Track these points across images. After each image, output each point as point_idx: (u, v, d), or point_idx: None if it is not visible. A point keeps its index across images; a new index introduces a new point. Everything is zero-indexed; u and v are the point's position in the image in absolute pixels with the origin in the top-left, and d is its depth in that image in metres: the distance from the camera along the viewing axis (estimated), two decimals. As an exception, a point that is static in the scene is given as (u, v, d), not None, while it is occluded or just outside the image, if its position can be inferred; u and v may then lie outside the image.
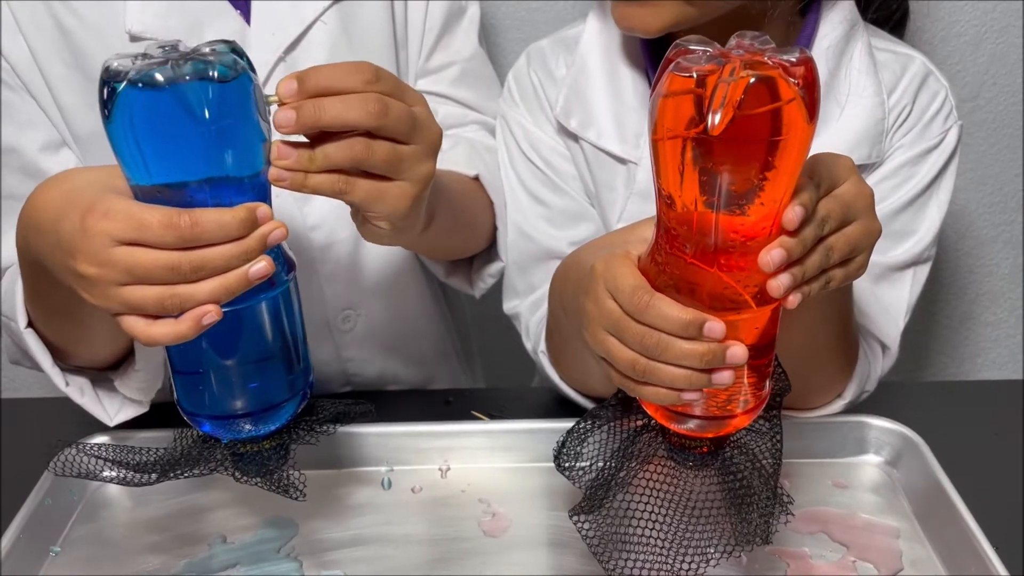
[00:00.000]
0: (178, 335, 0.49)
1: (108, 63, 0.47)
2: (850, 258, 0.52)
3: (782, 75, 0.44)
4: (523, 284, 0.83)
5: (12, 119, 0.73)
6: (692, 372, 0.49)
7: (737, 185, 0.46)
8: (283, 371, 0.57)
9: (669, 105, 0.45)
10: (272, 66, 0.75)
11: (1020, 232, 1.21)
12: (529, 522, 0.68)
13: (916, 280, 0.77)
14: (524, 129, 0.81)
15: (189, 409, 0.57)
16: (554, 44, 0.82)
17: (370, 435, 0.73)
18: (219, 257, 0.49)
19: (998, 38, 1.08)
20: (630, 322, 0.50)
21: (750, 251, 0.48)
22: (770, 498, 0.56)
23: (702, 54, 0.45)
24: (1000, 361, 1.30)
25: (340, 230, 0.81)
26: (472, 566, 0.64)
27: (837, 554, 0.65)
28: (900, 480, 0.72)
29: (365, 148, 0.52)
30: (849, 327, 0.71)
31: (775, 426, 0.58)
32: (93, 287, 0.50)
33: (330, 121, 0.51)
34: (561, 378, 0.77)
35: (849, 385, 0.73)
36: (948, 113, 0.76)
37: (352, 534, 0.67)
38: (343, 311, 0.84)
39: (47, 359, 0.67)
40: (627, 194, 0.78)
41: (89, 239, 0.48)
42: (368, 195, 0.54)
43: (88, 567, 0.65)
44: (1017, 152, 1.15)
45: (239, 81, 0.48)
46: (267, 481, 0.59)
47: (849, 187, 0.51)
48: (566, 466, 0.60)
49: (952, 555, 0.64)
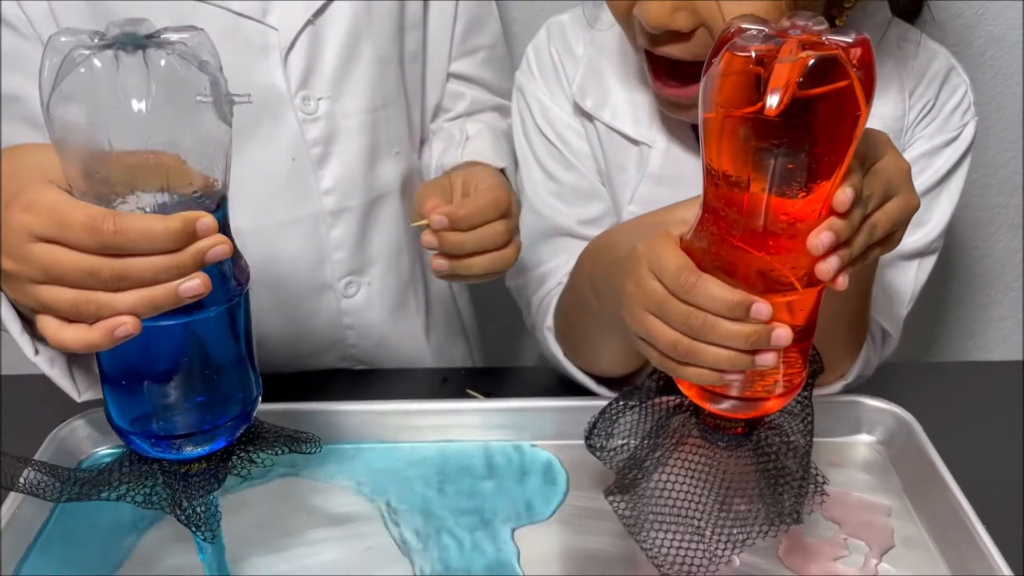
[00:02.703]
0: (88, 343, 0.46)
1: (56, 39, 0.44)
2: (890, 233, 0.52)
3: (841, 56, 0.43)
4: (530, 259, 0.83)
5: (22, 68, 0.72)
6: (736, 353, 0.50)
7: (791, 166, 0.45)
8: (223, 390, 0.52)
9: (726, 84, 0.45)
10: (299, 30, 0.75)
11: (1013, 215, 1.21)
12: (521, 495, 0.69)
13: (922, 269, 0.78)
14: (541, 104, 0.81)
15: (117, 422, 0.52)
16: (574, 20, 0.82)
17: (366, 413, 0.74)
18: (146, 269, 0.44)
19: (995, 19, 1.08)
20: (674, 302, 0.50)
21: (799, 233, 0.47)
22: (804, 477, 0.56)
23: (758, 33, 0.45)
24: (992, 343, 1.32)
25: (352, 197, 0.82)
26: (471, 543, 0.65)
27: (829, 531, 0.66)
28: (892, 459, 0.72)
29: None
30: (866, 308, 0.72)
31: (807, 406, 0.58)
32: (9, 280, 0.47)
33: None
34: (565, 356, 0.77)
35: (853, 367, 0.74)
36: (967, 108, 0.76)
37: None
38: (347, 276, 0.85)
39: (16, 326, 0.63)
40: (639, 176, 0.78)
41: (9, 231, 0.45)
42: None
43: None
44: (1011, 135, 1.15)
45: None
46: (179, 512, 0.53)
47: (888, 162, 0.51)
48: (597, 446, 0.60)
49: (943, 533, 0.65)
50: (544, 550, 0.64)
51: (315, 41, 0.76)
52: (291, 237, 0.81)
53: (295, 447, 0.58)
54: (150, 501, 0.54)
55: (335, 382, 0.86)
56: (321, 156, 0.79)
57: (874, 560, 0.63)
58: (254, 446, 0.56)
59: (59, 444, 0.70)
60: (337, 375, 0.89)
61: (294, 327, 0.85)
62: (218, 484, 0.54)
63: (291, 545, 0.65)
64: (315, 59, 0.77)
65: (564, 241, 0.80)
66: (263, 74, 0.75)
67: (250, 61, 0.75)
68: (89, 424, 0.72)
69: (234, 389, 0.52)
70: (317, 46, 0.77)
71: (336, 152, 0.80)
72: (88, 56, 0.43)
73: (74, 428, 0.71)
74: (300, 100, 0.77)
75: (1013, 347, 1.31)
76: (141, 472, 0.54)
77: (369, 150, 0.82)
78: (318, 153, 0.79)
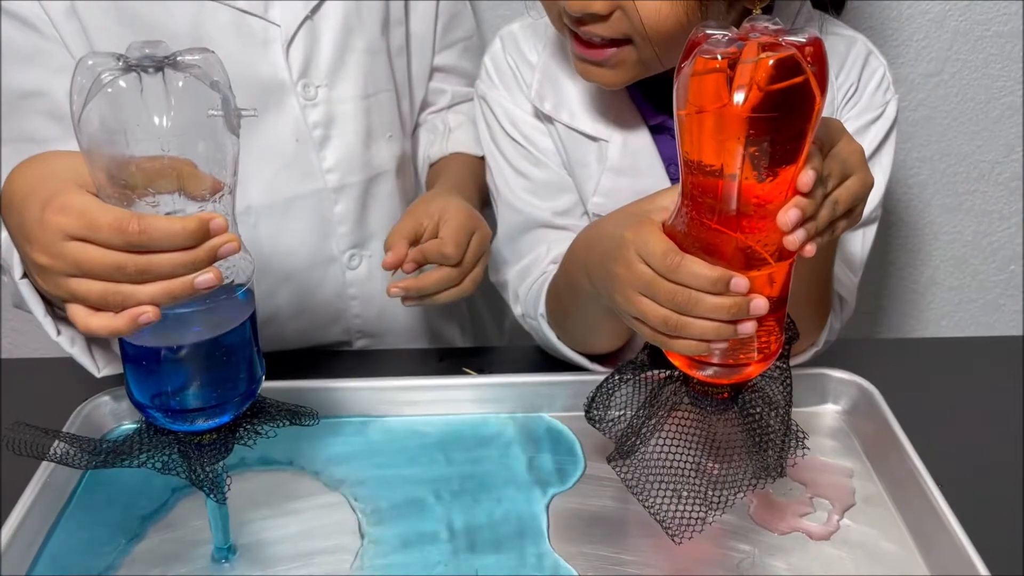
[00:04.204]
0: (114, 329, 0.51)
1: (85, 61, 0.48)
2: (851, 209, 0.58)
3: (797, 55, 0.49)
4: (511, 253, 0.88)
5: (44, 65, 0.76)
6: (720, 324, 0.55)
7: (758, 154, 0.51)
8: (231, 369, 0.57)
9: (696, 84, 0.51)
10: (299, 25, 0.82)
11: (980, 201, 1.26)
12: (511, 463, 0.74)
13: (866, 239, 0.84)
14: (504, 108, 0.87)
15: (137, 398, 0.57)
16: (525, 30, 0.87)
17: (364, 389, 0.78)
18: (165, 264, 0.49)
19: (961, 15, 1.13)
20: (662, 282, 0.56)
21: (768, 214, 0.53)
22: (786, 434, 0.62)
23: (722, 37, 0.50)
24: (963, 324, 1.36)
25: (353, 174, 0.89)
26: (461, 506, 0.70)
27: (797, 491, 0.71)
28: (855, 426, 0.78)
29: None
30: (830, 279, 0.78)
31: (785, 371, 0.64)
32: (44, 273, 0.52)
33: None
34: (559, 338, 0.83)
35: (822, 334, 0.80)
36: (887, 88, 0.82)
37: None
38: (350, 249, 0.91)
39: (40, 308, 0.69)
40: (600, 169, 0.83)
41: (44, 230, 0.50)
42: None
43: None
44: (978, 125, 1.20)
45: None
46: (193, 476, 0.58)
47: (843, 145, 0.57)
48: (596, 418, 0.66)
49: (899, 492, 0.70)
50: (570, 512, 0.69)
51: (312, 35, 0.83)
52: (299, 213, 0.87)
53: (296, 420, 0.63)
54: (168, 468, 0.59)
55: (337, 361, 0.92)
56: (322, 138, 0.86)
57: (836, 516, 0.69)
58: (259, 419, 0.61)
59: (84, 419, 0.74)
60: (341, 354, 0.94)
61: (303, 298, 0.91)
62: (227, 452, 0.60)
63: (301, 509, 0.70)
64: (313, 51, 0.84)
65: (542, 232, 0.86)
66: (267, 65, 0.82)
67: (255, 53, 0.81)
68: (111, 400, 0.77)
69: (241, 369, 0.57)
70: (314, 39, 0.84)
71: (335, 135, 0.87)
72: (114, 78, 0.48)
73: (97, 404, 0.76)
74: (301, 87, 0.84)
75: (983, 328, 1.36)
76: (159, 442, 0.59)
77: (365, 133, 0.89)
78: (319, 135, 0.86)
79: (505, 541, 0.66)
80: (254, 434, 0.61)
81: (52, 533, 0.67)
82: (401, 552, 0.66)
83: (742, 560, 0.65)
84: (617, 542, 0.66)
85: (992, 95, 1.18)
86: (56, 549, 0.66)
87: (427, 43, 0.95)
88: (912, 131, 1.21)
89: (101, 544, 0.66)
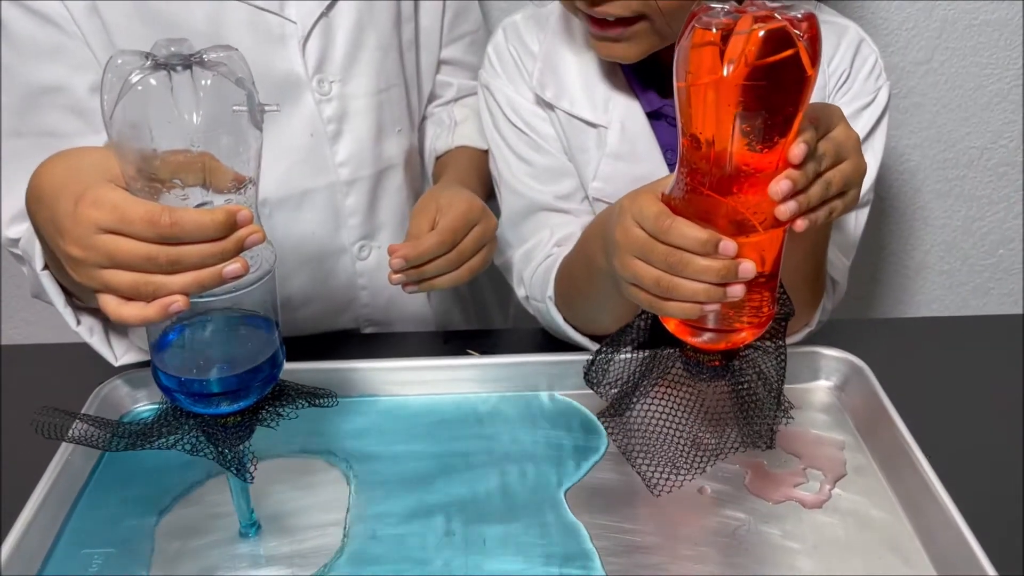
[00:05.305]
0: (145, 318, 0.52)
1: (114, 60, 0.50)
2: (844, 191, 0.60)
3: (789, 28, 0.51)
4: (514, 236, 0.91)
5: (65, 61, 0.77)
6: (710, 286, 0.58)
7: (750, 124, 0.53)
8: (254, 355, 0.59)
9: (694, 55, 0.53)
10: (314, 22, 0.85)
11: (970, 186, 1.28)
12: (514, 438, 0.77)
13: (858, 222, 0.87)
14: (507, 97, 0.89)
15: (164, 383, 0.59)
16: (527, 20, 0.90)
17: (370, 370, 0.81)
18: (195, 255, 0.51)
19: (949, 4, 1.15)
20: (655, 244, 0.58)
21: (760, 183, 0.55)
22: (774, 407, 0.64)
23: (720, 10, 0.52)
24: (953, 307, 1.39)
25: (364, 167, 0.91)
26: (467, 479, 0.73)
27: (791, 463, 0.74)
28: (846, 401, 0.80)
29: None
30: (824, 261, 0.80)
31: (780, 346, 0.66)
32: (77, 266, 0.53)
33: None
34: (566, 320, 0.86)
35: (815, 315, 0.83)
36: (879, 74, 0.84)
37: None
38: (360, 240, 0.94)
39: (60, 299, 0.71)
40: (599, 155, 0.86)
41: (77, 224, 0.51)
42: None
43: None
44: (967, 112, 1.22)
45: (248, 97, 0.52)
46: (221, 458, 0.61)
47: (840, 131, 0.60)
48: (594, 381, 0.68)
49: (889, 462, 0.72)
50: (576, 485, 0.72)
51: (327, 32, 0.85)
52: (312, 205, 0.90)
53: (315, 402, 0.66)
54: (196, 449, 0.61)
55: (344, 344, 0.94)
56: (335, 132, 0.88)
57: (828, 486, 0.71)
58: (280, 402, 0.64)
59: (102, 400, 0.77)
60: (350, 337, 0.97)
61: (315, 287, 0.93)
62: (250, 434, 0.62)
63: (315, 484, 0.72)
64: (328, 47, 0.86)
65: (544, 216, 0.89)
66: (284, 61, 0.84)
67: (272, 50, 0.83)
68: (127, 383, 0.79)
69: (262, 354, 0.60)
70: (329, 36, 0.86)
71: (348, 129, 0.89)
72: (144, 76, 0.50)
73: (115, 386, 0.78)
74: (316, 83, 0.86)
75: (973, 311, 1.39)
76: (187, 425, 0.62)
77: (376, 127, 0.91)
78: (333, 129, 0.88)
79: (510, 512, 0.69)
80: (276, 416, 0.63)
81: (73, 510, 0.70)
82: (410, 522, 0.69)
83: (738, 527, 0.68)
84: (616, 511, 0.69)
85: (980, 82, 1.21)
86: (78, 523, 0.69)
87: (435, 37, 0.97)
88: (903, 118, 1.23)
89: (125, 518, 0.69)
